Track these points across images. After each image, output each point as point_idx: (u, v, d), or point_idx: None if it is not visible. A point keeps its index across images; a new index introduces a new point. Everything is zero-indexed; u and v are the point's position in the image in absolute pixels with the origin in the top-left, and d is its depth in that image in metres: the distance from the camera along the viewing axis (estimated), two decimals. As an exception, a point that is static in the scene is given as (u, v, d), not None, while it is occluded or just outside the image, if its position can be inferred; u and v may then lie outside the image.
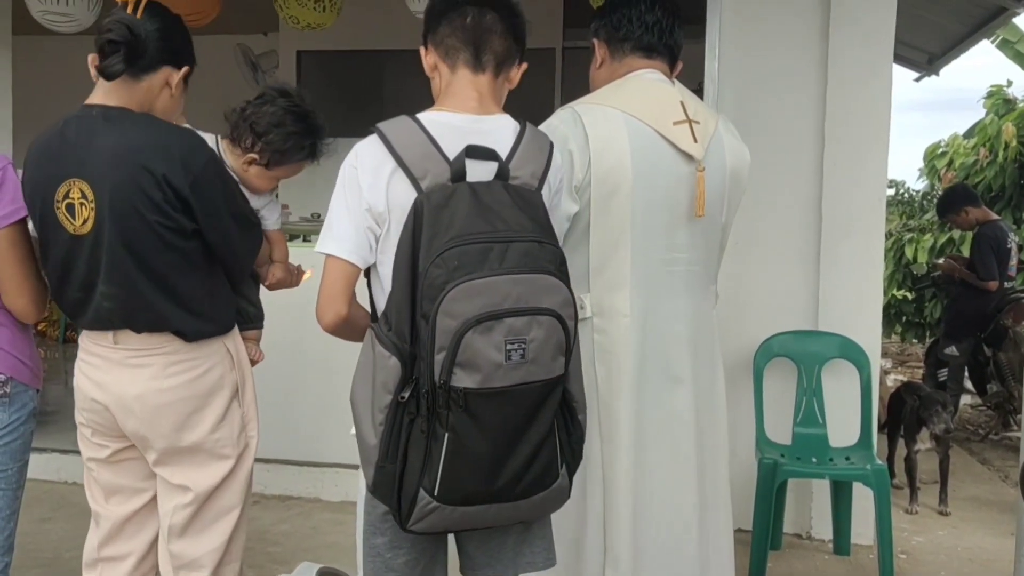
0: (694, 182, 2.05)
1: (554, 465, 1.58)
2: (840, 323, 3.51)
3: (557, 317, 1.51)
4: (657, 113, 2.05)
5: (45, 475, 3.89)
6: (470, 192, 1.53)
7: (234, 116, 2.15)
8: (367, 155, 1.61)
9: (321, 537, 3.58)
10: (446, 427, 1.47)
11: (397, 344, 1.51)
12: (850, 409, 3.45)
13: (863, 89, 3.50)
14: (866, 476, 3.17)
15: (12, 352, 1.95)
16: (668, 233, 2.06)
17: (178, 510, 1.97)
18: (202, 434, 1.95)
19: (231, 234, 1.94)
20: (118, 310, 1.86)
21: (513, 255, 1.49)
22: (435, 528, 1.56)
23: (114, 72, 1.81)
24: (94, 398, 1.93)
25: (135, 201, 1.81)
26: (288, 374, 3.93)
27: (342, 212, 1.62)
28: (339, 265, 1.61)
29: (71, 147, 1.84)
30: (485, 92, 1.68)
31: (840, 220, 3.53)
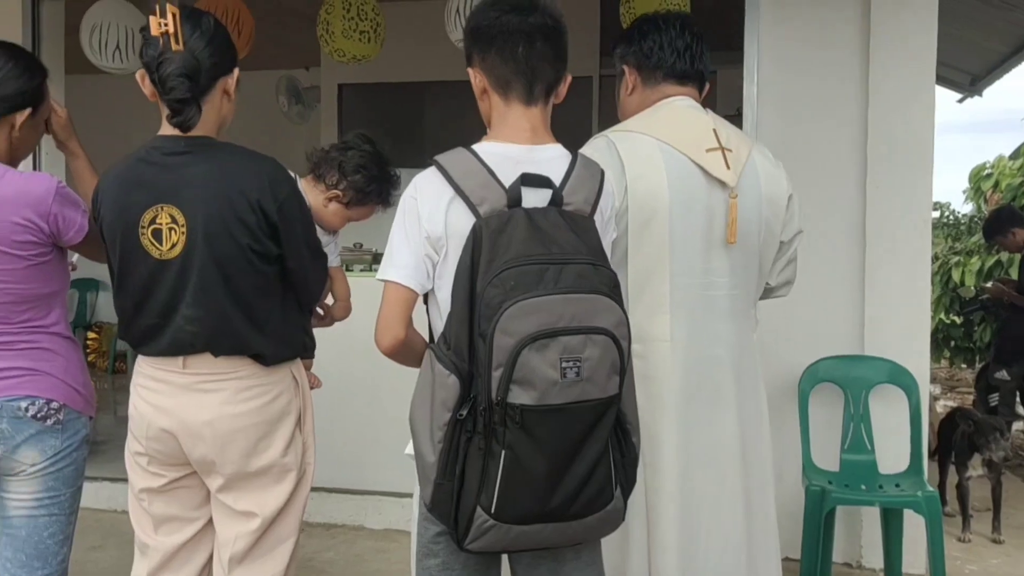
0: (727, 208, 2.05)
1: (609, 486, 1.60)
2: (887, 347, 3.46)
3: (611, 337, 1.53)
4: (690, 141, 2.05)
5: (96, 504, 3.95)
6: (526, 217, 1.58)
7: (318, 155, 2.37)
8: (426, 185, 1.67)
9: (365, 565, 3.58)
10: (503, 444, 1.50)
11: (456, 363, 1.55)
12: (899, 435, 3.39)
13: (906, 111, 3.47)
14: (917, 503, 3.10)
15: (65, 380, 1.99)
16: (705, 258, 2.06)
17: (240, 538, 1.98)
18: (270, 459, 1.97)
19: (306, 261, 1.99)
20: (202, 333, 1.89)
21: (568, 276, 1.52)
22: (492, 547, 1.57)
23: (192, 124, 1.87)
24: (161, 426, 1.93)
25: (229, 224, 1.86)
26: (332, 403, 3.95)
27: (401, 240, 1.67)
28: (398, 290, 1.67)
29: (158, 175, 1.88)
30: (538, 123, 1.73)
31: (885, 243, 3.50)
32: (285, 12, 5.43)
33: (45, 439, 1.95)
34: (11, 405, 1.92)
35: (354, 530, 4.03)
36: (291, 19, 5.48)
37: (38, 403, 1.94)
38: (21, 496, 1.97)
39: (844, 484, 3.28)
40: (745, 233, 2.09)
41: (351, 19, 4.33)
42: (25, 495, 1.97)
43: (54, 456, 1.97)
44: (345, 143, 2.42)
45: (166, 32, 1.83)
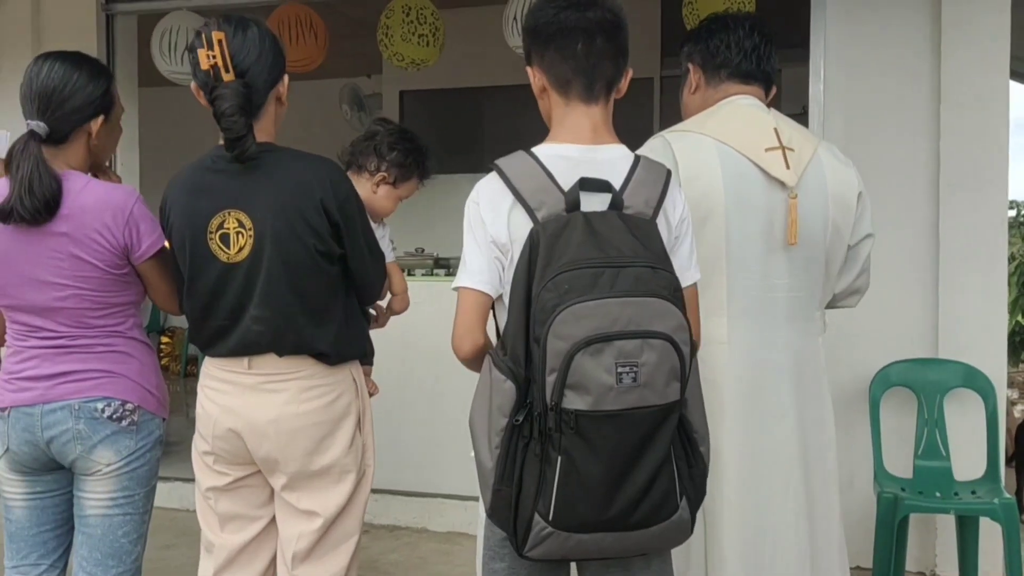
0: (787, 209, 2.01)
1: (672, 496, 1.55)
2: (962, 351, 3.36)
3: (670, 341, 1.48)
4: (749, 140, 2.02)
5: (168, 503, 4.05)
6: (584, 221, 1.55)
7: (349, 152, 2.47)
8: (486, 191, 1.66)
9: (429, 567, 3.61)
10: (559, 450, 1.47)
11: (512, 368, 1.53)
12: (975, 441, 3.29)
13: (979, 108, 3.37)
14: (994, 510, 3.00)
15: (139, 382, 2.04)
16: (765, 260, 2.02)
17: (303, 536, 2.01)
18: (332, 458, 2.00)
19: (366, 261, 2.02)
20: (267, 333, 1.94)
21: (625, 280, 1.48)
22: (551, 555, 1.55)
23: (252, 155, 1.89)
24: (227, 426, 1.99)
25: (295, 226, 1.90)
26: (395, 406, 4.00)
27: (472, 246, 1.66)
28: (472, 296, 1.65)
29: (224, 181, 1.94)
30: (599, 122, 1.70)
31: (959, 244, 3.40)
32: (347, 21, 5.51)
33: (120, 440, 2.01)
34: (88, 406, 1.98)
35: (417, 532, 4.06)
36: (353, 27, 5.56)
37: (114, 404, 2.00)
38: (97, 495, 2.02)
39: (918, 491, 3.19)
40: (809, 234, 2.04)
41: (410, 23, 4.38)
42: (101, 494, 2.02)
43: (129, 456, 2.02)
44: (369, 132, 2.52)
45: (215, 65, 1.86)
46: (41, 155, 1.91)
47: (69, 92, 1.97)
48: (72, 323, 1.99)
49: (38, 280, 1.95)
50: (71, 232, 1.93)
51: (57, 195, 1.91)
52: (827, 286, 2.15)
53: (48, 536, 2.08)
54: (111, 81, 2.07)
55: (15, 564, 2.08)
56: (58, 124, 1.97)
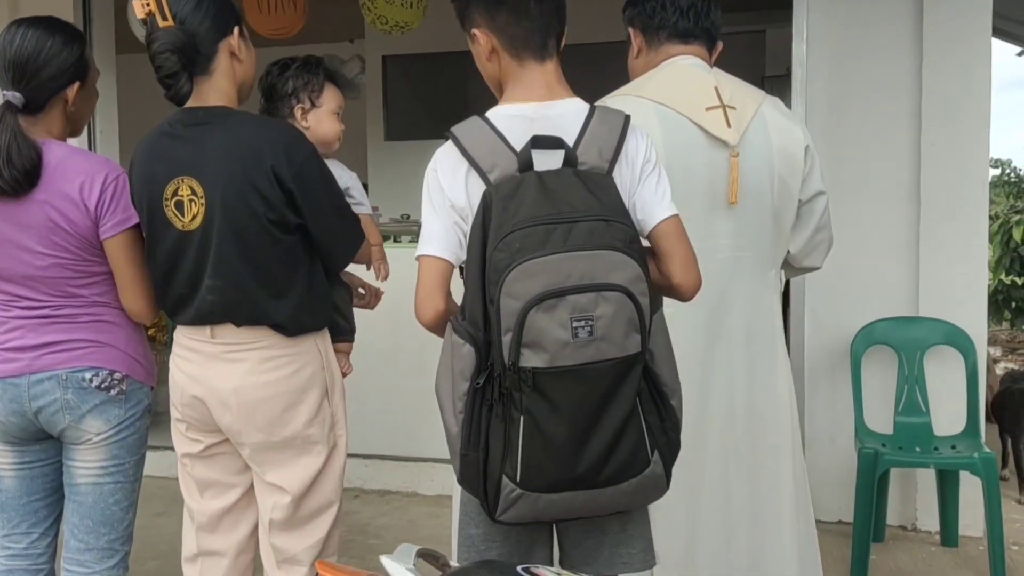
0: (728, 168, 2.00)
1: (642, 451, 1.54)
2: (943, 309, 3.40)
3: (626, 293, 1.47)
4: (688, 100, 2.01)
5: (159, 472, 4.06)
6: (537, 180, 1.53)
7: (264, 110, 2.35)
8: (444, 159, 1.65)
9: (419, 530, 3.65)
10: (521, 410, 1.47)
11: (471, 332, 1.52)
12: (955, 397, 3.34)
13: (961, 65, 3.37)
14: (974, 464, 3.05)
15: (127, 351, 2.05)
16: (707, 220, 2.01)
17: (277, 508, 2.02)
18: (295, 430, 1.99)
19: (332, 227, 1.99)
20: (221, 303, 1.92)
21: (577, 234, 1.47)
22: (524, 518, 1.54)
23: (185, 95, 1.88)
24: (192, 393, 1.99)
25: (246, 195, 1.87)
26: (385, 372, 4.02)
27: (430, 214, 1.65)
28: (432, 263, 1.64)
29: (178, 147, 1.91)
30: (552, 78, 1.69)
31: (941, 202, 3.42)
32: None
33: (109, 409, 2.02)
34: (76, 376, 1.98)
35: (408, 496, 4.10)
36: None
37: (102, 374, 2.00)
38: (87, 464, 2.04)
39: (898, 447, 3.24)
40: (755, 192, 2.03)
41: (393, -15, 4.33)
42: (91, 463, 2.04)
43: (118, 425, 2.03)
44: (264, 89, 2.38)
45: (151, 13, 1.83)
46: (18, 125, 1.90)
47: (44, 60, 1.94)
48: (55, 292, 1.99)
49: (18, 248, 1.95)
50: (49, 200, 1.92)
51: (37, 165, 1.90)
52: (779, 244, 2.14)
53: (39, 505, 2.10)
54: (85, 46, 2.04)
55: (6, 533, 2.09)
56: (34, 93, 1.95)
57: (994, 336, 7.85)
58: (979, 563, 3.24)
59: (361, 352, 2.48)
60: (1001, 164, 9.62)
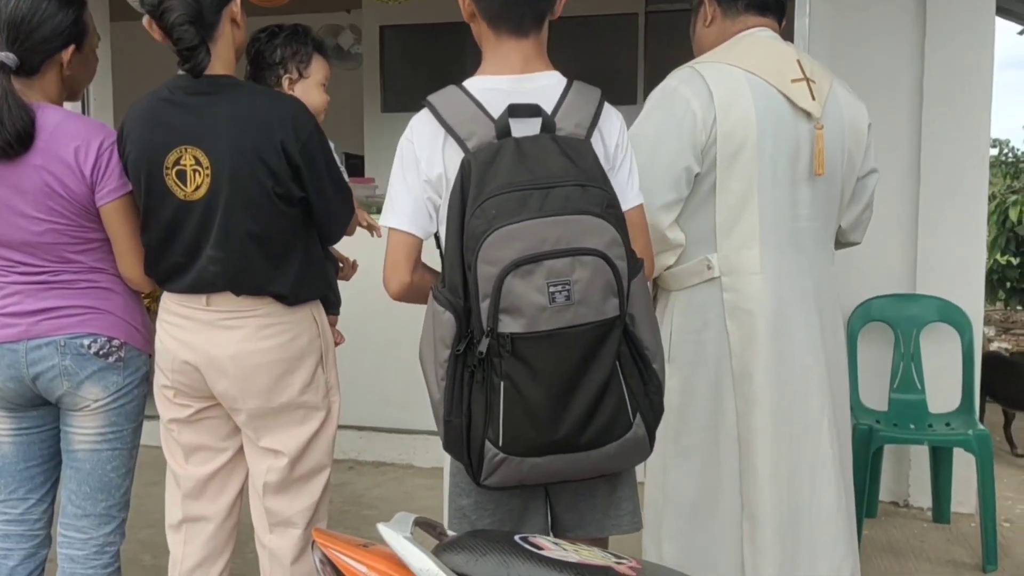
0: (813, 139, 2.03)
1: (623, 414, 1.55)
2: (940, 286, 3.40)
3: (603, 257, 1.48)
4: (776, 71, 2.02)
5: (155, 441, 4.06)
6: (514, 146, 1.53)
7: (252, 73, 2.32)
8: (420, 127, 1.65)
9: (414, 501, 3.67)
10: (501, 375, 1.48)
11: (451, 299, 1.52)
12: (951, 374, 3.35)
13: (963, 43, 3.36)
14: (968, 441, 3.07)
15: (125, 318, 2.04)
16: (792, 190, 2.05)
17: (272, 470, 2.03)
18: (291, 396, 2.00)
19: (331, 200, 1.99)
20: (224, 273, 1.91)
21: (554, 200, 1.48)
22: (508, 482, 1.55)
23: (203, 68, 1.86)
24: (184, 359, 1.98)
25: (253, 167, 1.86)
26: (380, 344, 4.02)
27: (400, 186, 1.65)
28: (399, 237, 1.65)
29: (181, 115, 1.89)
30: (531, 53, 1.68)
31: (940, 180, 3.42)
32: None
33: (107, 376, 2.01)
34: (74, 342, 1.98)
35: (403, 468, 4.12)
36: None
37: (100, 340, 2.00)
38: (85, 431, 2.03)
39: (892, 423, 3.26)
40: (830, 166, 2.07)
41: (391, -44, 4.28)
42: (89, 430, 2.03)
43: (116, 392, 2.03)
44: (249, 54, 2.35)
45: None
46: (11, 86, 1.87)
47: (38, 21, 1.92)
48: (52, 258, 1.97)
49: (15, 213, 1.93)
50: (45, 164, 1.90)
51: (29, 127, 1.88)
52: (839, 217, 2.19)
53: (36, 471, 2.10)
54: (83, 10, 2.01)
55: (3, 499, 2.09)
56: (28, 55, 1.93)
57: (988, 316, 7.86)
58: (971, 539, 3.27)
59: (356, 324, 2.48)
60: (999, 144, 9.60)
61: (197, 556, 2.10)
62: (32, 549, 2.11)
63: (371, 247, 2.47)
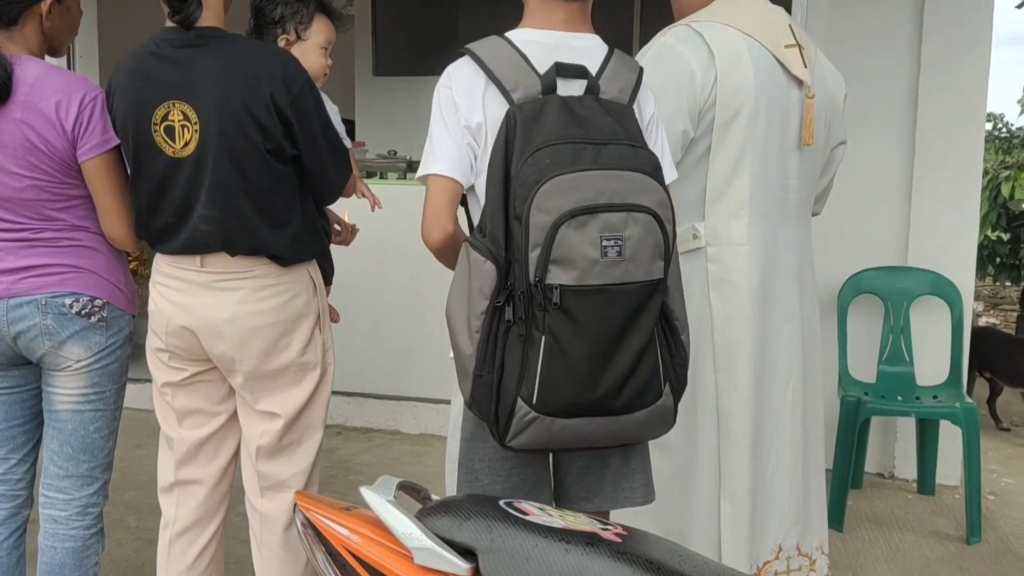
0: (803, 108, 1.99)
1: (656, 381, 1.53)
2: (932, 259, 3.40)
3: (655, 216, 1.47)
4: (770, 35, 1.97)
5: (138, 404, 4.03)
6: (561, 103, 1.51)
7: (254, 29, 2.23)
8: (459, 74, 1.60)
9: (401, 468, 3.67)
10: (543, 330, 1.44)
11: (492, 250, 1.49)
12: (940, 347, 3.36)
13: (962, 14, 3.33)
14: (955, 414, 3.08)
15: (108, 278, 2.01)
16: (782, 159, 2.01)
17: (267, 433, 2.01)
18: (290, 357, 1.98)
19: (325, 159, 1.95)
20: (217, 233, 1.87)
21: (608, 155, 1.46)
22: (534, 443, 1.51)
23: (195, 19, 1.81)
24: (180, 323, 1.95)
25: (243, 122, 1.81)
26: (370, 310, 4.00)
27: (442, 132, 1.60)
28: (443, 183, 1.60)
29: (168, 69, 1.84)
30: (575, 14, 1.65)
31: (935, 151, 3.40)
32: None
33: (90, 336, 1.98)
34: (56, 302, 1.95)
35: (391, 434, 4.12)
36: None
37: (82, 300, 1.96)
38: (67, 391, 2.01)
39: (880, 395, 3.26)
40: (817, 135, 2.04)
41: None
42: (71, 390, 2.01)
43: (99, 352, 2.00)
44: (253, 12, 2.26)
45: None
46: None
47: None
48: (33, 215, 1.93)
49: (-5, 168, 1.89)
50: (25, 118, 1.86)
51: (6, 79, 1.83)
52: (819, 185, 2.18)
53: (17, 431, 2.07)
54: None
55: (-15, 458, 2.08)
56: (5, 5, 1.88)
57: (977, 291, 7.89)
58: (955, 511, 3.29)
59: (347, 290, 2.46)
60: (994, 118, 9.57)
61: (189, 518, 2.09)
62: (14, 509, 2.10)
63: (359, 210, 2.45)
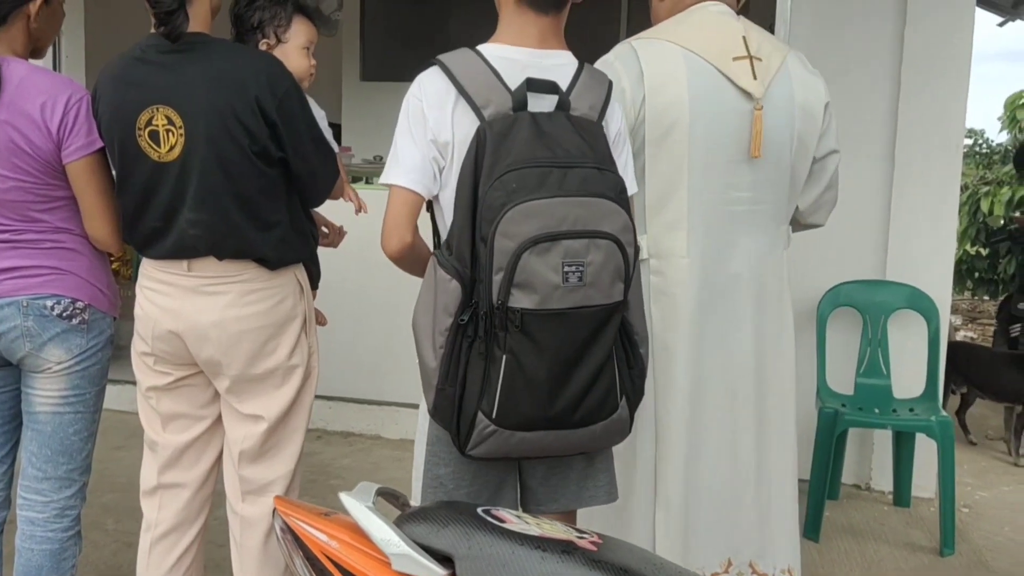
0: (752, 121, 1.99)
1: (613, 395, 1.59)
2: (909, 273, 3.44)
3: (616, 242, 1.51)
4: (717, 48, 1.99)
5: (118, 406, 4.04)
6: (531, 121, 1.53)
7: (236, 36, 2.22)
8: (430, 86, 1.61)
9: (382, 472, 3.67)
10: (504, 349, 1.49)
11: (458, 268, 1.52)
12: (916, 360, 3.39)
13: (943, 30, 3.37)
14: (930, 427, 3.12)
15: (90, 280, 2.01)
16: (729, 172, 2.01)
17: (249, 437, 2.01)
18: (276, 361, 1.98)
19: (312, 161, 1.95)
20: (205, 237, 1.88)
21: (572, 180, 1.49)
22: (494, 454, 1.57)
23: (182, 32, 1.81)
24: (167, 327, 1.95)
25: (229, 127, 1.82)
26: (351, 314, 4.00)
27: (407, 142, 1.62)
28: (404, 194, 1.62)
29: (153, 74, 1.85)
30: (548, 31, 1.67)
31: (914, 166, 3.44)
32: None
33: (71, 338, 1.98)
34: (37, 303, 1.94)
35: (371, 439, 4.12)
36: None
37: (64, 302, 1.96)
38: (47, 393, 2.00)
39: (858, 407, 3.30)
40: (775, 147, 2.03)
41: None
42: (51, 392, 2.00)
43: (80, 355, 2.00)
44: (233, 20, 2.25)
45: None
46: None
47: None
48: (16, 216, 1.93)
49: (-22, 169, 1.88)
50: (10, 119, 1.86)
51: None
52: (792, 200, 2.15)
53: (-5, 432, 2.07)
54: None
55: (-38, 460, 2.07)
56: None
57: (956, 305, 7.97)
58: (929, 523, 3.32)
59: (329, 294, 2.45)
60: (974, 134, 9.67)
61: (170, 522, 2.09)
62: (-9, 511, 2.09)
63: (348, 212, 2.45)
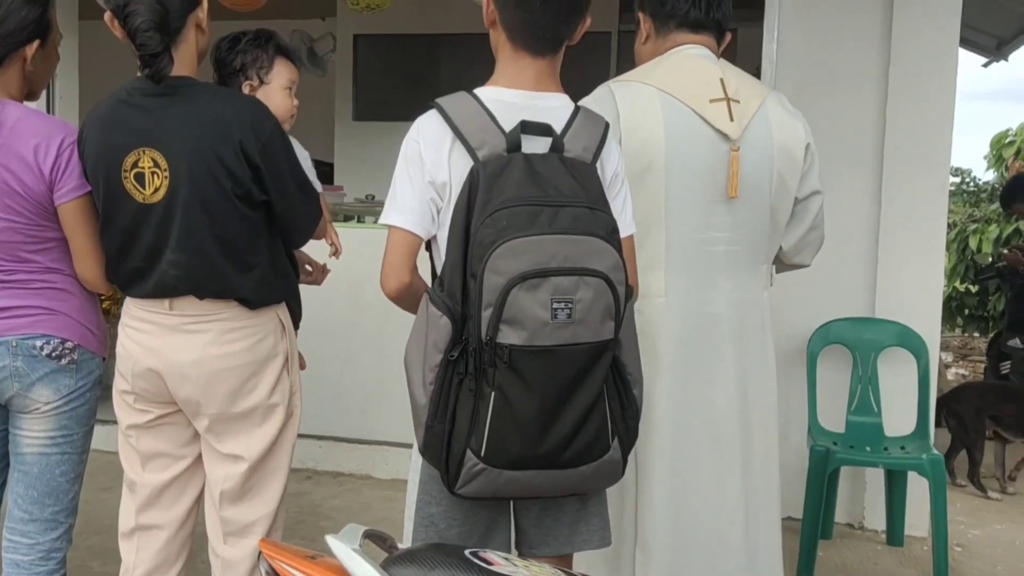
0: (729, 162, 2.01)
1: (604, 436, 1.58)
2: (898, 311, 3.45)
3: (606, 280, 1.51)
4: (694, 91, 2.01)
5: (106, 446, 3.98)
6: (524, 162, 1.55)
7: (218, 80, 2.27)
8: (428, 129, 1.64)
9: (372, 513, 3.64)
10: (492, 386, 1.49)
11: (449, 304, 1.53)
12: (907, 398, 3.40)
13: (928, 72, 3.42)
14: (922, 465, 3.11)
15: (80, 320, 2.01)
16: (706, 213, 2.03)
17: (230, 477, 2.00)
18: (256, 401, 1.98)
19: (295, 203, 1.97)
20: (186, 277, 1.89)
21: (564, 218, 1.50)
22: (483, 492, 1.56)
23: (165, 74, 1.84)
24: (147, 365, 1.95)
25: (212, 168, 1.84)
26: (341, 354, 3.99)
27: (405, 184, 1.65)
28: (402, 236, 1.64)
29: (138, 117, 1.87)
30: (544, 73, 1.69)
31: (901, 206, 3.47)
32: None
33: (59, 378, 1.97)
34: (26, 343, 1.94)
35: (361, 479, 4.09)
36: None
37: (53, 342, 1.96)
38: (34, 434, 1.99)
39: (849, 445, 3.29)
40: (753, 187, 2.04)
41: (366, -34, 4.29)
42: (38, 433, 1.99)
43: (68, 395, 1.99)
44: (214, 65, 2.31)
45: None
46: None
47: (4, 15, 1.89)
48: (7, 257, 1.94)
49: (-30, 211, 1.89)
50: (4, 161, 1.87)
51: None
52: (773, 240, 2.16)
53: (-18, 473, 2.05)
54: (48, 5, 1.99)
55: (-53, 501, 2.05)
56: None
57: (946, 342, 8.01)
58: (923, 563, 3.30)
59: (318, 332, 2.46)
60: (961, 173, 9.78)
61: (149, 564, 2.06)
62: (-25, 554, 2.07)
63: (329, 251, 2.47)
